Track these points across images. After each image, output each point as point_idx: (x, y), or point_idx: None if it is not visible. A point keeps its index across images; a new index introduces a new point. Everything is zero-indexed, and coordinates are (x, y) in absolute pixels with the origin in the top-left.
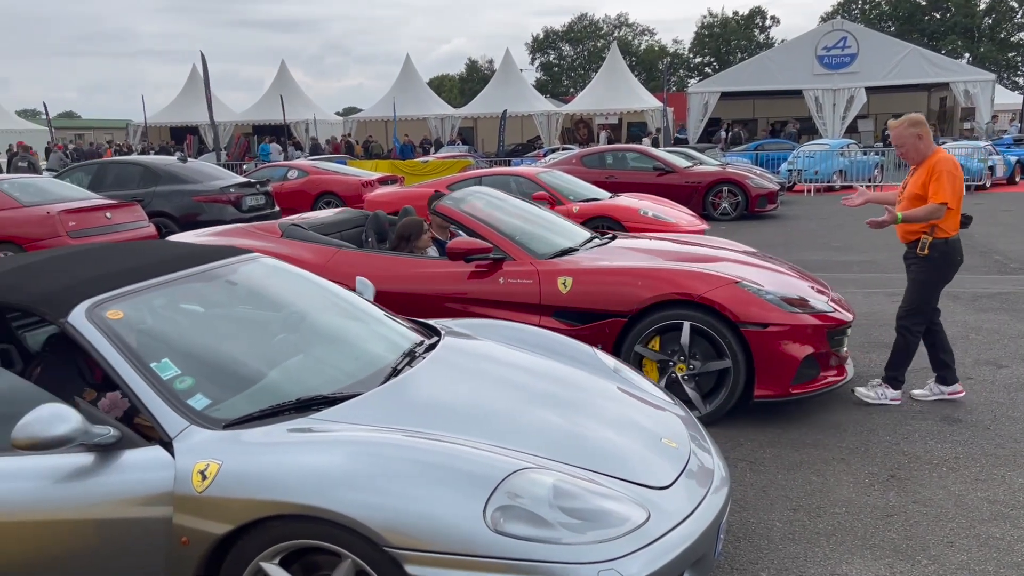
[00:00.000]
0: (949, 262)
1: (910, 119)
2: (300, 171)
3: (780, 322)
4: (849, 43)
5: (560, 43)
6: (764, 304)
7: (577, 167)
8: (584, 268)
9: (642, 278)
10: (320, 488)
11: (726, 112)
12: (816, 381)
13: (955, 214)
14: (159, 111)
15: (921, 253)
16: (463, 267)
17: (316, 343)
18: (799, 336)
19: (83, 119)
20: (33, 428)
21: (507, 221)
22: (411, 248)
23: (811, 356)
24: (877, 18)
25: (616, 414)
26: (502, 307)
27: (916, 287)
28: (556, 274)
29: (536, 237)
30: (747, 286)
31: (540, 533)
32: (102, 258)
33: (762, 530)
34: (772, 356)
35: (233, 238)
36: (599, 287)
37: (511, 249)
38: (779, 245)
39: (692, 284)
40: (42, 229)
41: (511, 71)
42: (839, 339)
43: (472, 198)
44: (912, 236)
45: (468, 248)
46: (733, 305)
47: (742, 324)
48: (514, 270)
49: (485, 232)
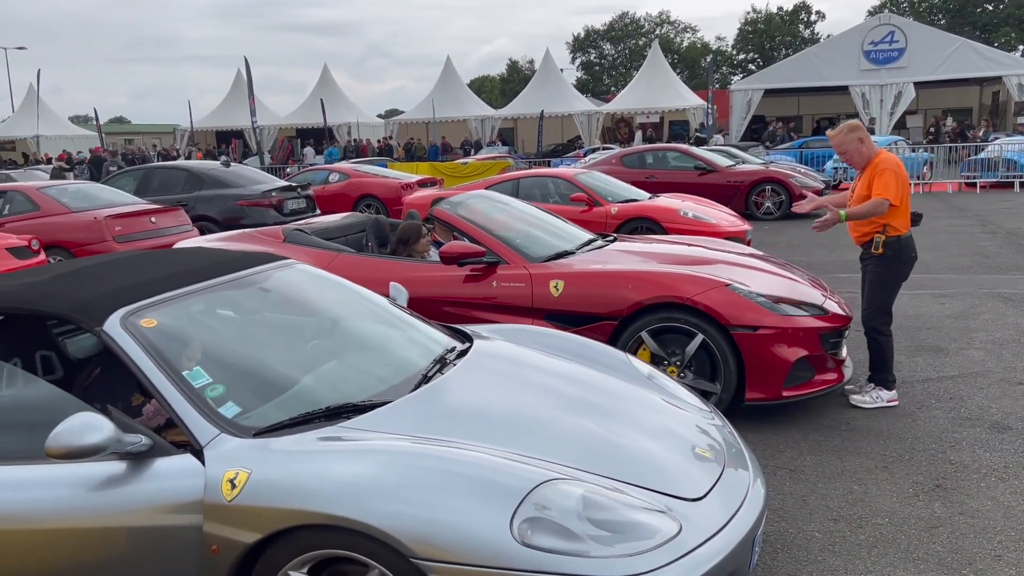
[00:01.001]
0: (903, 259)
1: (848, 126)
2: (341, 174)
3: (770, 324)
4: (897, 37)
5: (601, 42)
6: (754, 307)
7: (617, 167)
8: (576, 271)
9: (632, 281)
10: (348, 498)
11: (770, 109)
12: (810, 384)
13: (904, 212)
14: (205, 115)
15: (875, 252)
16: (459, 271)
17: (348, 349)
18: (791, 339)
19: (133, 124)
20: (66, 437)
21: (504, 225)
22: (410, 252)
23: (804, 359)
24: (927, 11)
25: (649, 422)
26: (496, 310)
27: (874, 287)
28: (548, 277)
29: (533, 240)
30: (737, 288)
31: (568, 546)
32: (137, 266)
33: (801, 541)
34: (763, 359)
35: (239, 243)
36: (590, 290)
37: (505, 253)
38: (822, 245)
39: (681, 287)
40: (89, 234)
41: (551, 71)
42: (835, 341)
43: (471, 202)
44: (865, 237)
45: (462, 252)
46: (722, 308)
47: (731, 327)
48: (507, 273)
49: (479, 236)
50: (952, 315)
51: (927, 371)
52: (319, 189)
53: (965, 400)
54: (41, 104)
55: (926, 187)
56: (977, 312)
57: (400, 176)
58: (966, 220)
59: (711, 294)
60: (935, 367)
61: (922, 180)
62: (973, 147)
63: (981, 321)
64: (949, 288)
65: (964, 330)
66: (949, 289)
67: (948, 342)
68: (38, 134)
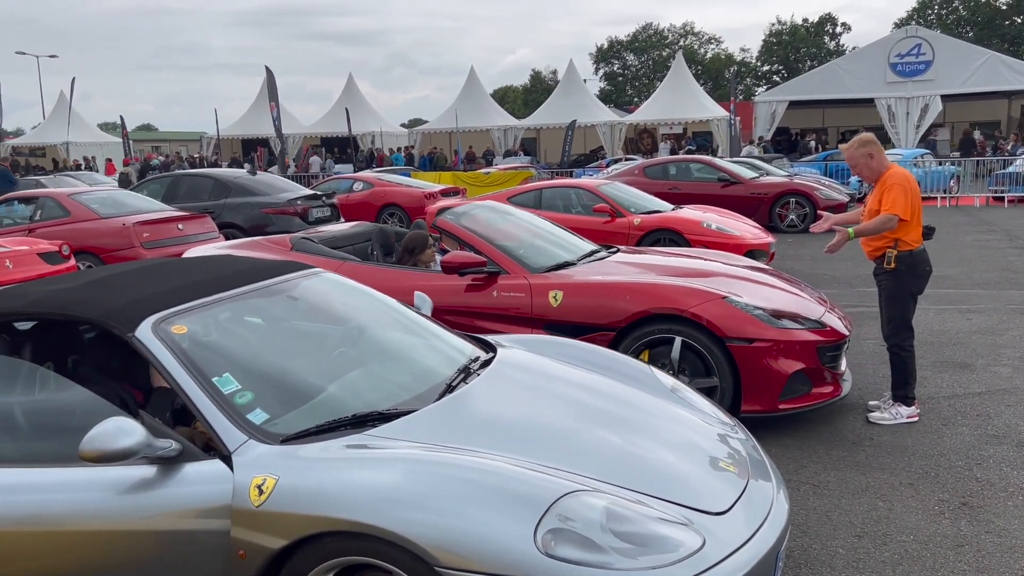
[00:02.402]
0: (917, 273)
1: (859, 140)
2: (365, 183)
3: (767, 337)
4: (924, 50)
5: (624, 52)
6: (750, 319)
7: (640, 178)
8: (575, 282)
9: (630, 292)
10: (374, 506)
11: (794, 121)
12: (807, 397)
13: (915, 226)
14: (231, 123)
15: (888, 267)
16: (460, 280)
17: (374, 358)
18: (787, 351)
19: (160, 131)
20: (100, 441)
21: (506, 235)
22: (415, 261)
23: (801, 372)
24: (954, 24)
25: (673, 436)
26: (497, 320)
27: (890, 302)
28: (548, 288)
29: (534, 251)
30: (734, 301)
31: (591, 557)
32: (167, 273)
33: (824, 557)
34: (759, 371)
35: (248, 251)
36: (588, 301)
37: (505, 263)
38: (846, 259)
39: (678, 298)
40: (118, 240)
41: (574, 81)
42: (833, 355)
43: (475, 212)
44: (878, 252)
45: (463, 262)
46: (719, 320)
47: (728, 339)
48: (507, 283)
49: (481, 246)
50: (979, 331)
51: (953, 387)
52: (343, 198)
53: (992, 417)
54: (71, 111)
55: (952, 201)
56: (1004, 328)
57: (423, 185)
58: (993, 235)
59: (708, 306)
60: (961, 383)
61: (948, 194)
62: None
63: (1008, 337)
64: (976, 304)
65: (991, 346)
66: (976, 304)
67: (975, 358)
68: (68, 141)
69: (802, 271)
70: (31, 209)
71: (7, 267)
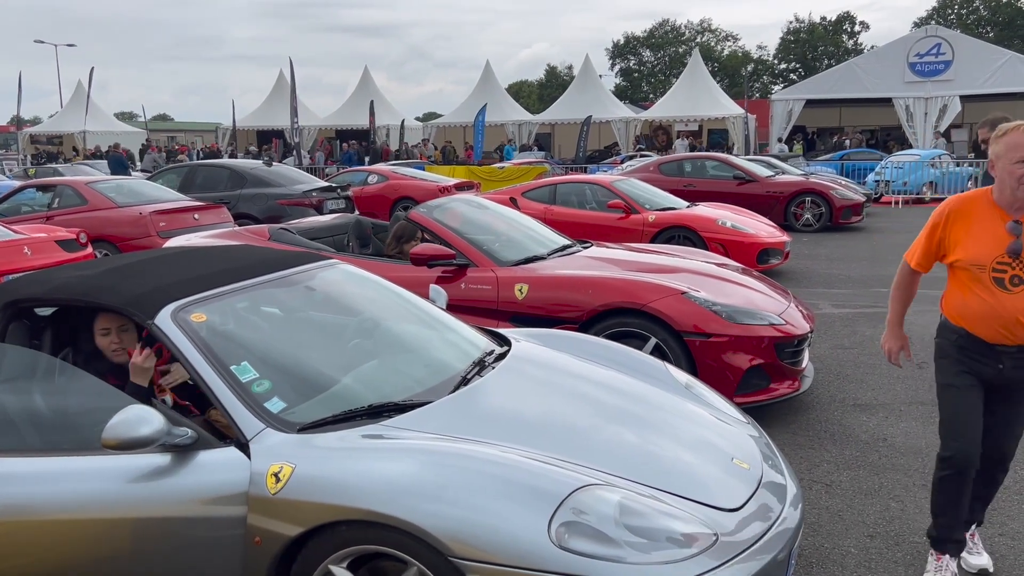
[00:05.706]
0: None
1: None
2: (380, 176)
3: (723, 332)
4: (943, 50)
5: (641, 49)
6: (707, 315)
7: (655, 175)
8: (540, 276)
9: (592, 287)
10: (389, 495)
11: (811, 120)
12: (765, 391)
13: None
14: (247, 115)
15: None
16: (431, 272)
17: (389, 350)
18: (744, 347)
19: (176, 121)
20: (120, 429)
21: (479, 228)
22: (401, 249)
23: (759, 367)
24: (974, 23)
25: (687, 432)
26: (465, 311)
27: None
28: (514, 281)
29: (505, 245)
30: (693, 297)
31: (605, 551)
32: (187, 262)
33: (836, 556)
34: (715, 366)
35: (227, 240)
36: (552, 294)
37: (474, 256)
38: (863, 259)
39: (638, 293)
40: (134, 229)
41: (590, 77)
42: (794, 351)
43: (450, 206)
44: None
45: (432, 254)
46: (677, 315)
47: (685, 333)
48: (475, 276)
49: (450, 239)
50: None
51: None
52: (358, 190)
53: None
54: (89, 100)
55: None
56: None
57: (438, 179)
58: None
59: (667, 301)
60: None
61: None
62: None
63: None
64: None
65: None
66: None
67: None
68: (85, 129)
69: (817, 270)
70: (49, 197)
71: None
